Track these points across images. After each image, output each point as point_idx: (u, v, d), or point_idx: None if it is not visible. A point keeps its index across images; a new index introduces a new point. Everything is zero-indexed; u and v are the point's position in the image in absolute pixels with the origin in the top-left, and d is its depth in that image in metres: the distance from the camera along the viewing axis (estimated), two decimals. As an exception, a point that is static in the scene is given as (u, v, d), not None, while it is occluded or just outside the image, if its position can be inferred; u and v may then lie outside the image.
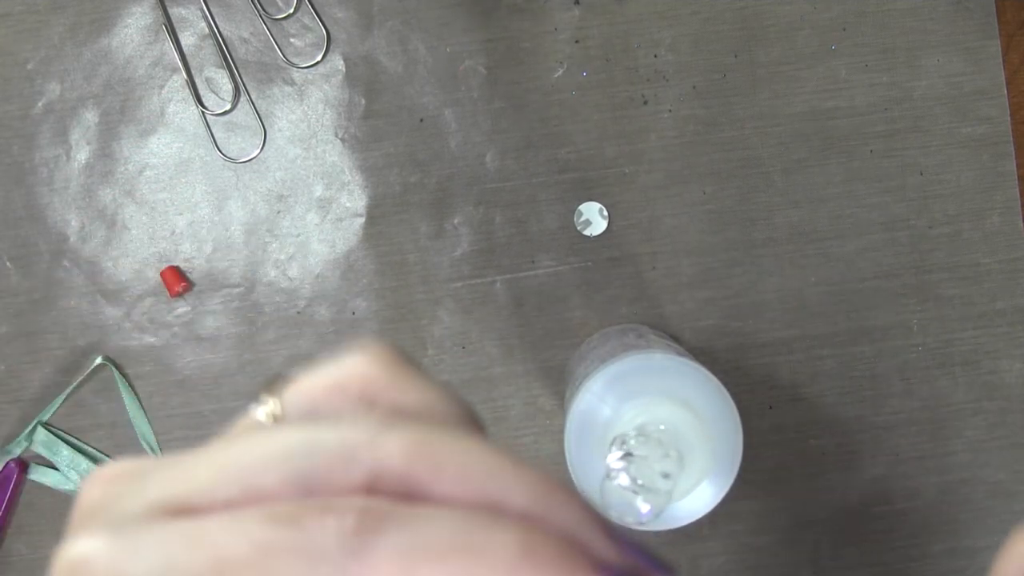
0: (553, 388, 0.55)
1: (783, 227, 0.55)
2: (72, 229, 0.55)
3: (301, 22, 0.55)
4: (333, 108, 0.55)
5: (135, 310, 0.55)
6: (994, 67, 0.55)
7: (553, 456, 0.56)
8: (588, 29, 0.55)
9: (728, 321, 0.55)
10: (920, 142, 0.55)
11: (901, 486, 0.56)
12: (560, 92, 0.55)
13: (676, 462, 0.39)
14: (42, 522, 0.56)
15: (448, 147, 0.55)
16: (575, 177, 0.55)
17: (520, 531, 0.15)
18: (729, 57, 0.55)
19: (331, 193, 0.55)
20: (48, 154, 0.55)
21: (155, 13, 0.55)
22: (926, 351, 0.55)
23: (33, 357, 0.55)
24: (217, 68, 0.55)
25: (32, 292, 0.55)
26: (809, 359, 0.55)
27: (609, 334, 0.52)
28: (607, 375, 0.42)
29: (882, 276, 0.55)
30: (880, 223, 0.55)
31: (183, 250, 0.56)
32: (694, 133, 0.55)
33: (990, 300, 0.55)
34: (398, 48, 0.55)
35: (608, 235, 0.55)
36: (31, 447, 0.55)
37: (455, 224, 0.55)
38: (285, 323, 0.55)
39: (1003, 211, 0.55)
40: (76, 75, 0.55)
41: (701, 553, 0.56)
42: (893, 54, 0.55)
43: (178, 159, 0.55)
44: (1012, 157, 0.55)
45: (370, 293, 0.55)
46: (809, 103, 0.55)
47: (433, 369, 0.55)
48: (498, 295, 0.55)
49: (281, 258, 0.56)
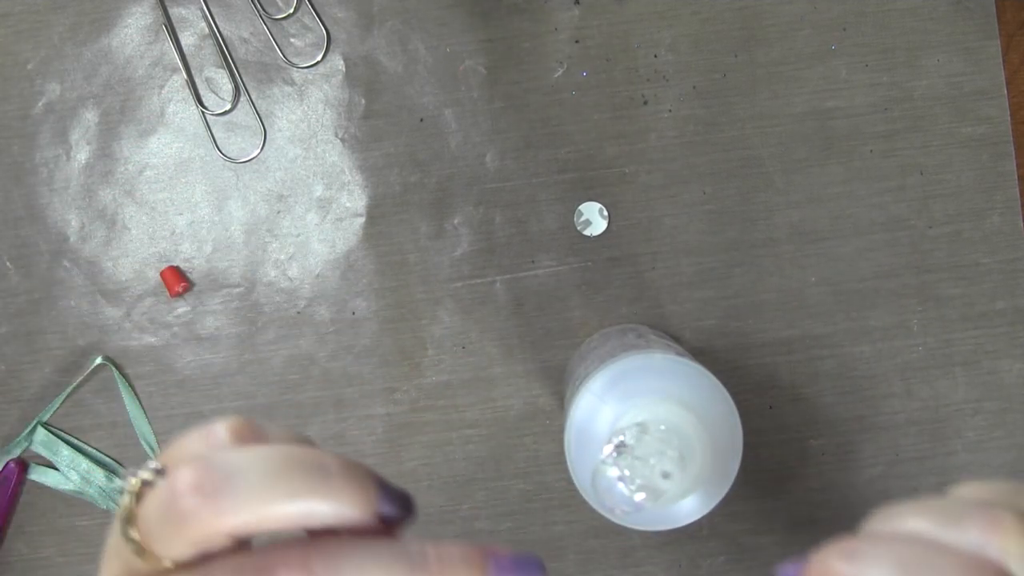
0: (553, 388, 0.55)
1: (783, 227, 0.55)
2: (72, 229, 0.55)
3: (301, 22, 0.55)
4: (333, 108, 0.55)
5: (135, 310, 0.55)
6: (994, 67, 0.55)
7: (553, 456, 0.56)
8: (588, 29, 0.55)
9: (728, 321, 0.55)
10: (920, 142, 0.55)
11: (901, 486, 0.56)
12: (560, 92, 0.55)
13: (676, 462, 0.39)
14: (42, 522, 0.56)
15: (448, 147, 0.55)
16: (575, 177, 0.55)
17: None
18: (729, 57, 0.55)
19: (331, 193, 0.55)
20: (48, 154, 0.55)
21: (155, 13, 0.55)
22: (926, 351, 0.55)
23: (33, 357, 0.55)
24: (217, 68, 0.55)
25: (32, 292, 0.55)
26: (809, 359, 0.55)
27: (609, 334, 0.52)
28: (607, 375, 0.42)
29: (882, 276, 0.55)
30: (880, 223, 0.55)
31: (183, 250, 0.56)
32: (694, 133, 0.55)
33: (990, 300, 0.55)
34: (398, 48, 0.55)
35: (608, 235, 0.55)
36: (31, 447, 0.55)
37: (455, 224, 0.55)
38: (285, 323, 0.55)
39: (1003, 211, 0.55)
40: (76, 75, 0.55)
41: (701, 553, 0.56)
42: (893, 54, 0.55)
43: (178, 159, 0.55)
44: (1012, 157, 0.55)
45: (370, 293, 0.55)
46: (809, 103, 0.55)
47: (433, 369, 0.55)
48: (498, 295, 0.55)
49: (281, 258, 0.56)
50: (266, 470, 0.22)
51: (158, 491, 0.22)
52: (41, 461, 0.56)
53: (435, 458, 0.56)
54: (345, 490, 0.22)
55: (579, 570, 0.56)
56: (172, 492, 0.22)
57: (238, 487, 0.22)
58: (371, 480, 0.23)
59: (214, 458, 0.22)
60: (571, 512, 0.56)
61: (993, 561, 0.23)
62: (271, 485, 0.22)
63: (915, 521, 0.25)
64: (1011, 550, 0.23)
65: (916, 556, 0.23)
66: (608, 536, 0.56)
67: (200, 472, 0.22)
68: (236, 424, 0.24)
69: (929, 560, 0.23)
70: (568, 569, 0.56)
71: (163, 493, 0.22)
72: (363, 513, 0.23)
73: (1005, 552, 0.23)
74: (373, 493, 0.23)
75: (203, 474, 0.22)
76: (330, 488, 0.22)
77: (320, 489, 0.22)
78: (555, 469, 0.56)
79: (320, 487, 0.22)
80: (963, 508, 0.24)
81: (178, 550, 0.22)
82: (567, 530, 0.56)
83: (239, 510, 0.22)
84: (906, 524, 0.25)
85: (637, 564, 0.56)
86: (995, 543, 0.23)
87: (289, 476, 0.22)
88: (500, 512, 0.56)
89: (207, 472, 0.22)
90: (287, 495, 0.22)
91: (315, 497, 0.22)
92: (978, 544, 0.23)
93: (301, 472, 0.22)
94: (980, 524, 0.24)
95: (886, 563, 0.23)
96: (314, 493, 0.22)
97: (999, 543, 0.23)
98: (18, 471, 0.55)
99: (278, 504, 0.22)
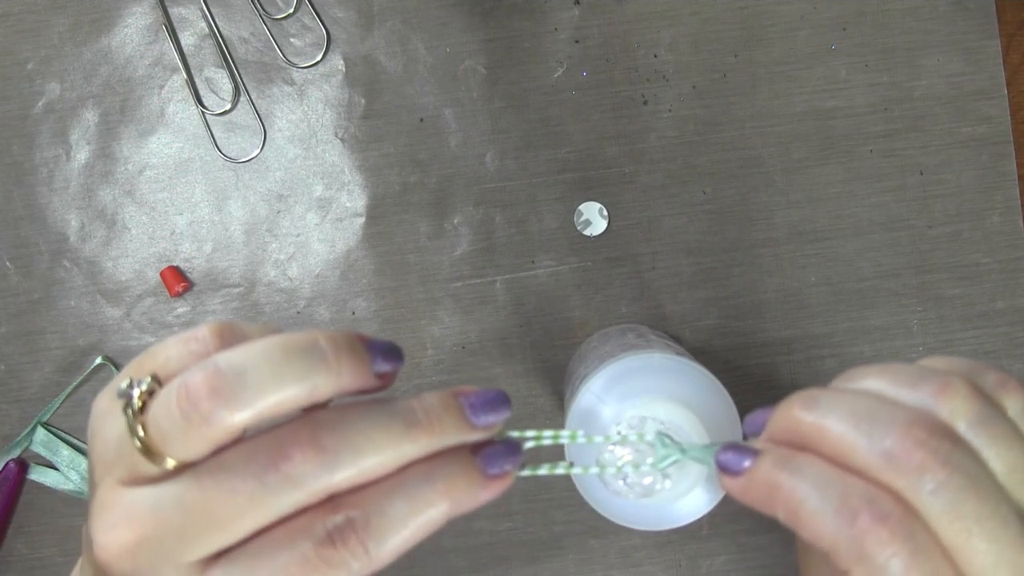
0: (553, 388, 0.55)
1: (783, 227, 0.55)
2: (72, 229, 0.55)
3: (301, 22, 0.55)
4: (333, 108, 0.55)
5: (135, 310, 0.55)
6: (994, 67, 0.55)
7: (553, 456, 0.56)
8: (588, 29, 0.55)
9: (728, 321, 0.55)
10: (920, 142, 0.55)
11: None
12: (560, 92, 0.55)
13: (676, 462, 0.39)
14: (42, 522, 0.56)
15: (448, 147, 0.55)
16: (575, 177, 0.55)
17: None
18: (729, 57, 0.55)
19: (331, 193, 0.55)
20: (48, 154, 0.55)
21: (155, 13, 0.55)
22: (926, 351, 0.55)
23: (33, 357, 0.55)
24: (217, 68, 0.55)
25: (32, 292, 0.55)
26: (809, 359, 0.55)
27: (609, 334, 0.52)
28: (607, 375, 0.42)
29: (882, 276, 0.55)
30: (880, 223, 0.55)
31: (183, 250, 0.56)
32: (694, 133, 0.55)
33: (990, 300, 0.55)
34: (398, 48, 0.55)
35: (608, 235, 0.55)
36: (31, 447, 0.55)
37: (455, 224, 0.55)
38: (285, 323, 0.55)
39: (1003, 211, 0.55)
40: (76, 75, 0.55)
41: (701, 553, 0.56)
42: (893, 54, 0.55)
43: (178, 159, 0.55)
44: (1012, 157, 0.55)
45: (370, 293, 0.55)
46: (809, 103, 0.55)
47: (433, 369, 0.55)
48: (498, 295, 0.55)
49: (281, 258, 0.56)
50: (270, 362, 0.24)
51: (169, 397, 0.24)
52: (41, 461, 0.56)
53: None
54: (343, 363, 0.24)
55: (579, 570, 0.56)
56: (188, 396, 0.23)
57: (251, 383, 0.23)
58: (362, 346, 0.25)
59: (220, 360, 0.24)
60: (571, 512, 0.56)
61: (939, 418, 0.25)
62: (279, 375, 0.23)
63: (874, 380, 0.26)
64: (958, 412, 0.25)
65: (869, 407, 0.25)
66: (608, 536, 0.56)
67: (212, 375, 0.23)
68: (217, 327, 0.26)
69: (880, 412, 0.25)
70: (568, 569, 0.56)
71: (175, 398, 0.23)
72: (363, 379, 0.25)
73: (953, 413, 0.25)
74: (366, 357, 0.25)
75: (215, 376, 0.23)
76: (328, 364, 0.24)
77: (321, 368, 0.24)
78: (555, 469, 0.56)
79: (320, 366, 0.24)
80: (920, 372, 0.26)
81: (197, 450, 0.24)
82: (567, 530, 0.56)
83: (256, 403, 0.23)
84: (866, 382, 0.27)
85: (637, 564, 0.56)
86: (944, 404, 0.25)
87: (291, 363, 0.24)
88: (500, 512, 0.56)
89: (219, 374, 0.23)
90: (294, 380, 0.24)
91: (318, 376, 0.24)
92: (929, 404, 0.25)
93: (301, 357, 0.24)
94: (933, 387, 0.25)
95: (841, 412, 0.25)
96: (317, 372, 0.24)
97: (948, 404, 0.25)
98: (18, 471, 0.55)
99: (288, 391, 0.23)
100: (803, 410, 0.26)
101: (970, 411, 0.25)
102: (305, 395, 0.24)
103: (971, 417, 0.25)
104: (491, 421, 0.27)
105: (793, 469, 0.25)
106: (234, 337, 0.26)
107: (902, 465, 0.24)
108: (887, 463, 0.24)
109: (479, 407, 0.27)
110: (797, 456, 0.26)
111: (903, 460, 0.24)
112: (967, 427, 0.25)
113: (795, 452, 0.26)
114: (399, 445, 0.25)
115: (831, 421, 0.25)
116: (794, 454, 0.26)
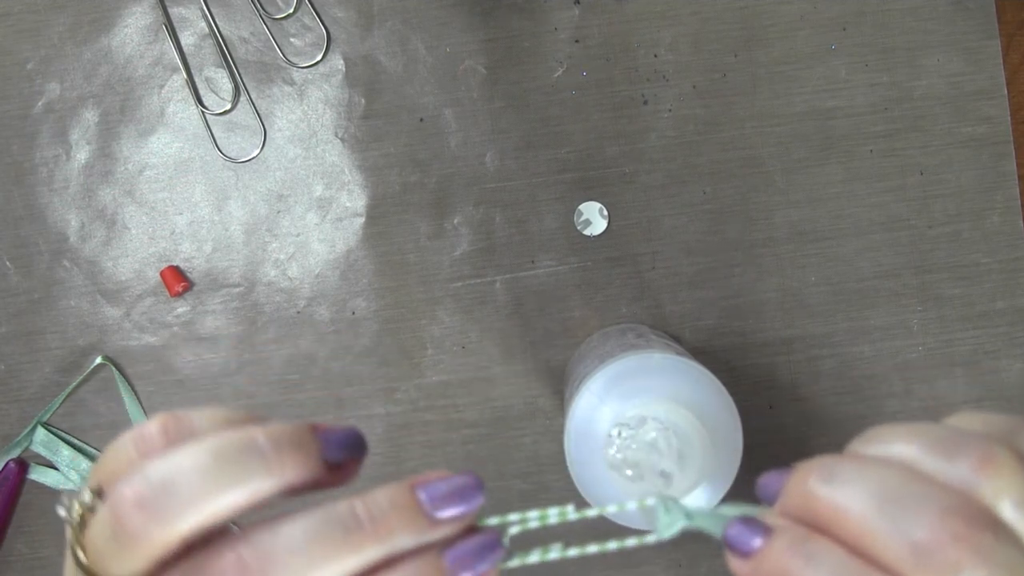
0: (553, 388, 0.55)
1: (783, 227, 0.55)
2: (72, 229, 0.55)
3: (301, 22, 0.55)
4: (333, 108, 0.55)
5: (135, 310, 0.56)
6: (994, 67, 0.55)
7: (553, 456, 0.56)
8: (588, 29, 0.55)
9: (728, 321, 0.55)
10: (920, 142, 0.55)
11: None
12: (560, 92, 0.55)
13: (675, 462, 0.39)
14: (42, 522, 0.56)
15: (448, 147, 0.55)
16: (575, 177, 0.55)
17: None
18: (729, 57, 0.55)
19: (331, 193, 0.55)
20: (48, 154, 0.55)
21: (155, 13, 0.55)
22: (926, 351, 0.55)
23: (33, 357, 0.55)
24: (217, 68, 0.55)
25: (32, 292, 0.55)
26: (809, 359, 0.55)
27: (609, 334, 0.52)
28: (607, 375, 0.42)
29: (882, 276, 0.55)
30: (880, 223, 0.55)
31: (183, 250, 0.56)
32: (694, 133, 0.55)
33: (990, 300, 0.55)
34: (398, 48, 0.55)
35: (608, 235, 0.55)
36: (31, 447, 0.55)
37: (455, 224, 0.55)
38: (285, 323, 0.55)
39: (1003, 211, 0.55)
40: (76, 75, 0.55)
41: (701, 553, 0.56)
42: (893, 54, 0.55)
43: (178, 159, 0.55)
44: (1012, 157, 0.55)
45: (370, 293, 0.55)
46: (809, 103, 0.55)
47: (433, 369, 0.55)
48: (498, 295, 0.55)
49: (281, 258, 0.56)
50: (200, 468, 0.22)
51: (101, 514, 0.22)
52: (41, 461, 0.56)
53: (435, 458, 0.56)
54: (285, 460, 0.22)
55: (579, 570, 0.56)
56: (115, 514, 0.22)
57: (178, 493, 0.21)
58: (309, 437, 0.23)
59: (147, 469, 0.22)
60: (571, 512, 0.56)
61: (980, 501, 0.21)
62: (212, 481, 0.21)
63: (903, 446, 0.23)
64: (1004, 491, 0.21)
65: (898, 485, 0.21)
66: (608, 536, 0.56)
67: (138, 487, 0.22)
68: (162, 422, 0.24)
69: (911, 491, 0.21)
70: (568, 569, 0.56)
71: (107, 516, 0.22)
72: (308, 472, 0.23)
73: (997, 492, 0.21)
74: (314, 449, 0.23)
75: (141, 488, 0.22)
76: (268, 463, 0.22)
77: (260, 468, 0.22)
78: (555, 469, 0.56)
79: (259, 466, 0.22)
80: (956, 438, 0.22)
81: (134, 567, 0.22)
82: (567, 530, 0.56)
83: (187, 515, 0.21)
84: (893, 448, 0.23)
85: (637, 564, 0.56)
86: (987, 481, 0.21)
87: (224, 467, 0.22)
88: (500, 512, 0.56)
89: (144, 485, 0.22)
90: (230, 485, 0.22)
91: (257, 477, 0.22)
92: (967, 480, 0.21)
93: (236, 459, 0.22)
94: (973, 458, 0.21)
95: (865, 489, 0.22)
96: (255, 474, 0.22)
97: (991, 482, 0.21)
98: (18, 471, 0.55)
99: (224, 498, 0.22)
100: (820, 482, 0.22)
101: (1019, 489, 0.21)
102: (245, 499, 0.22)
103: (1019, 497, 0.21)
104: (457, 514, 0.24)
105: (808, 556, 0.22)
106: (179, 432, 0.24)
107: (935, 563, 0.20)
108: (917, 559, 0.20)
109: (442, 498, 0.24)
110: (813, 540, 0.22)
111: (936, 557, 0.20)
112: (1013, 508, 0.21)
113: (811, 534, 0.22)
114: (341, 558, 0.22)
115: (852, 500, 0.22)
116: (810, 536, 0.22)
